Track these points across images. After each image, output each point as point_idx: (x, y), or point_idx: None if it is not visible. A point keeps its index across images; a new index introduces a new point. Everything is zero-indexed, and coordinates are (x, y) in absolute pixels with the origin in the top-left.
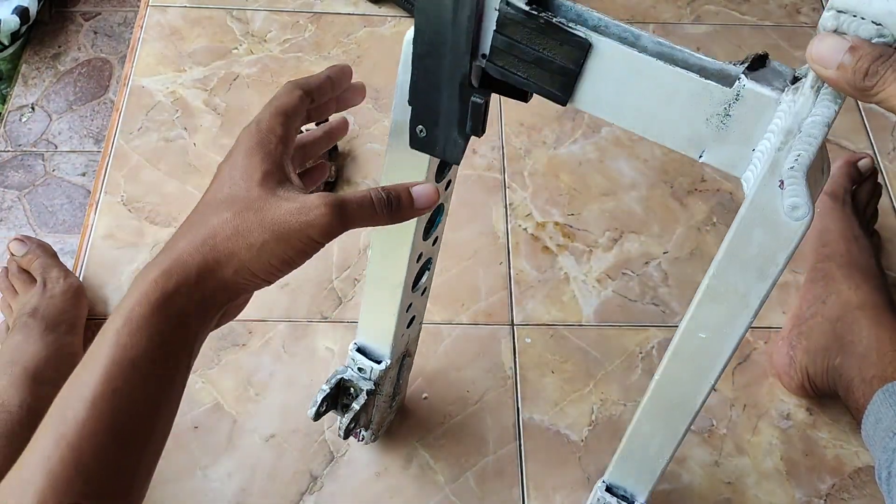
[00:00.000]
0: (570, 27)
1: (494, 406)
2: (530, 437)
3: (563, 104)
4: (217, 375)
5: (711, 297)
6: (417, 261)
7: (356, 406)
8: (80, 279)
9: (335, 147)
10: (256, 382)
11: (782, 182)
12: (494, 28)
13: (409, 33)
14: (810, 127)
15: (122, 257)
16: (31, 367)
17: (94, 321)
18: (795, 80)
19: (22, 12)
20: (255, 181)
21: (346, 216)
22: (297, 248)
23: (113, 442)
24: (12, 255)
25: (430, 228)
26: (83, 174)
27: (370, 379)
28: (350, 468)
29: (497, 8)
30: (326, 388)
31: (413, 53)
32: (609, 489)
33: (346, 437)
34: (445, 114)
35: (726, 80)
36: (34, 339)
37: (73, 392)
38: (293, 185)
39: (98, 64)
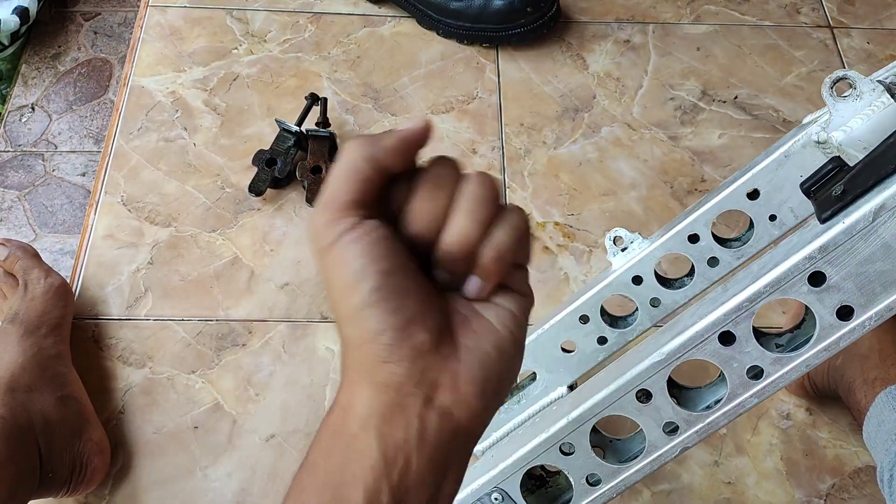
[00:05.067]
0: None
1: None
2: None
3: None
4: (217, 375)
5: None
6: None
7: None
8: (81, 278)
9: (335, 147)
10: (256, 382)
11: None
12: None
13: None
14: None
15: (121, 257)
16: (7, 376)
17: (92, 321)
18: None
19: (22, 12)
20: None
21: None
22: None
23: None
24: None
25: None
26: (83, 174)
27: None
28: None
29: None
30: None
31: None
32: None
33: None
34: None
35: None
36: (11, 346)
37: None
38: None
39: (98, 64)
